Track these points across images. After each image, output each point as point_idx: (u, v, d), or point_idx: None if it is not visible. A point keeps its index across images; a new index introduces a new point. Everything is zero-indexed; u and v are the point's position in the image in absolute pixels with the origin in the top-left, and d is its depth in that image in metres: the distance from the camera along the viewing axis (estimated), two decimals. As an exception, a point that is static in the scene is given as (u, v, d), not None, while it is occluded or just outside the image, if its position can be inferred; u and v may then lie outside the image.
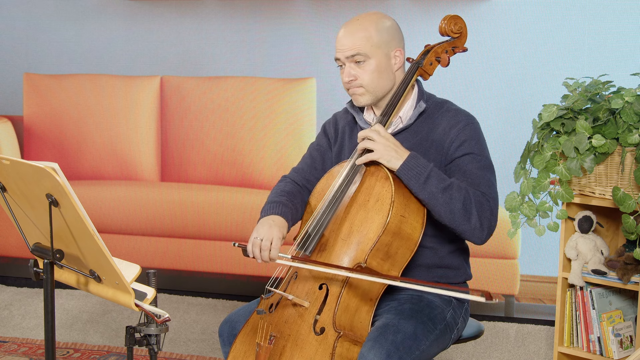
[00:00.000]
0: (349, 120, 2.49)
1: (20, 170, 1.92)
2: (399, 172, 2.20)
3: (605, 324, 2.82)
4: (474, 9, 3.92)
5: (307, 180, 2.50)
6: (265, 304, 2.32)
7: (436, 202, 2.19)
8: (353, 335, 2.16)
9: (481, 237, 2.23)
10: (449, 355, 3.60)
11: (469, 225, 2.21)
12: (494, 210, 2.25)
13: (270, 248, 2.22)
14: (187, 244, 4.51)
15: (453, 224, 2.21)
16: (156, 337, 2.09)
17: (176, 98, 4.48)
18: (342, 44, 2.32)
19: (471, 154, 2.30)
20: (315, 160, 2.52)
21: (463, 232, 2.22)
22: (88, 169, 4.63)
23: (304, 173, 2.51)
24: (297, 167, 2.55)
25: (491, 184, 2.29)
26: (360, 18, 2.34)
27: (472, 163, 2.29)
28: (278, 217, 2.30)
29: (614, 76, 2.93)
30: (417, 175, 2.19)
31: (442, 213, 2.20)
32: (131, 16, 4.47)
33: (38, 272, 2.05)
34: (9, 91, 4.70)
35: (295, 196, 2.42)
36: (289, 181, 2.49)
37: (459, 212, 2.19)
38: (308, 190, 2.48)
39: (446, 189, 2.19)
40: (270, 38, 4.30)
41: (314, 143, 2.57)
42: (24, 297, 4.45)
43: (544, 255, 3.96)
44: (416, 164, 2.20)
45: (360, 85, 2.33)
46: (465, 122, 2.33)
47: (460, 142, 2.30)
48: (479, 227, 2.21)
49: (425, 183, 2.18)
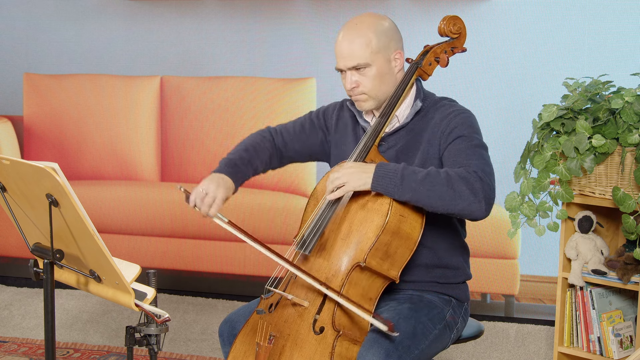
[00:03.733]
0: (352, 115, 2.50)
1: (20, 170, 1.92)
2: (374, 186, 2.17)
3: (605, 324, 2.82)
4: (474, 9, 3.92)
5: (285, 144, 2.54)
6: (265, 304, 2.32)
7: (421, 195, 2.14)
8: (352, 334, 2.16)
9: (481, 209, 2.14)
10: (449, 355, 3.60)
11: (464, 202, 2.13)
12: (485, 180, 2.16)
13: (211, 204, 2.28)
14: (187, 244, 4.51)
15: (449, 208, 2.14)
16: (156, 337, 2.09)
17: (176, 98, 4.48)
18: (342, 53, 2.31)
19: (461, 136, 2.26)
20: (304, 132, 2.54)
21: (462, 211, 2.14)
22: (88, 169, 4.63)
23: (287, 136, 2.55)
24: (287, 126, 2.57)
25: (481, 157, 2.22)
26: (357, 22, 2.33)
27: (462, 143, 2.25)
28: (228, 179, 2.37)
29: (614, 76, 2.93)
30: (391, 180, 2.15)
31: (432, 203, 2.14)
32: (131, 16, 4.47)
33: (38, 272, 2.05)
34: (9, 91, 4.70)
35: (261, 154, 2.49)
36: (267, 137, 2.54)
37: (447, 194, 2.13)
38: (280, 152, 2.54)
39: (424, 179, 2.14)
40: (270, 38, 4.30)
41: (313, 114, 2.57)
42: (24, 297, 4.45)
43: (544, 255, 3.96)
44: (386, 171, 2.16)
45: (362, 92, 2.33)
46: (457, 112, 2.32)
47: (451, 130, 2.28)
48: (475, 200, 2.13)
49: (402, 184, 2.14)
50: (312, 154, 2.57)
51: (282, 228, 4.30)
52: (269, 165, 2.54)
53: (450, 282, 2.40)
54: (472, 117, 2.34)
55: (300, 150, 2.55)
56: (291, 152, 2.55)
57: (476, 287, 4.02)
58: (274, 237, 4.29)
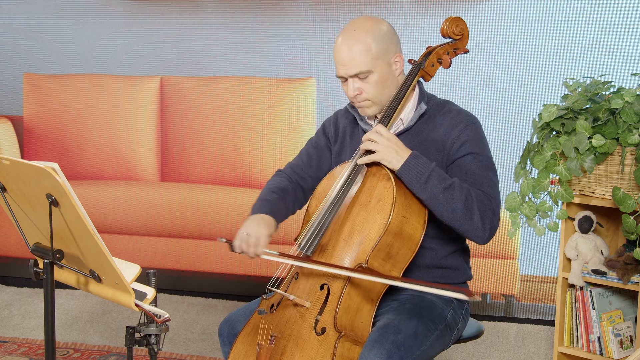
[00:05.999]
0: (350, 120, 2.49)
1: (20, 170, 1.92)
2: (400, 172, 2.20)
3: (605, 324, 2.82)
4: (474, 9, 3.92)
5: (300, 177, 2.52)
6: (266, 304, 2.32)
7: (437, 201, 2.19)
8: (354, 335, 2.16)
9: (483, 237, 2.23)
10: (449, 355, 3.60)
11: (470, 225, 2.20)
12: (495, 210, 2.24)
13: (257, 245, 2.25)
14: (187, 244, 4.51)
15: (455, 224, 2.21)
16: (156, 337, 2.09)
17: (176, 98, 4.48)
18: (342, 61, 2.30)
19: (473, 153, 2.29)
20: (312, 158, 2.53)
21: (465, 231, 2.22)
22: (88, 169, 4.63)
23: (299, 170, 2.53)
24: (293, 162, 2.56)
25: (493, 184, 2.29)
26: (356, 28, 2.31)
27: (473, 163, 2.28)
28: (267, 216, 2.34)
29: (614, 76, 2.93)
30: (418, 175, 2.18)
31: (443, 213, 2.20)
32: (131, 16, 4.47)
33: (38, 272, 2.05)
34: (9, 91, 4.70)
35: (287, 193, 2.46)
36: (283, 177, 2.52)
37: (460, 212, 2.18)
38: (301, 187, 2.51)
39: (447, 189, 2.18)
40: (270, 38, 4.30)
41: (312, 139, 2.57)
42: (24, 297, 4.45)
43: (544, 255, 3.96)
44: (417, 164, 2.19)
45: (366, 98, 2.33)
46: (467, 123, 2.33)
47: (462, 143, 2.30)
48: (481, 227, 2.21)
49: (426, 183, 2.18)
50: None
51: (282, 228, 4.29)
52: (297, 203, 2.50)
53: (451, 282, 2.40)
54: (480, 127, 2.36)
55: (317, 177, 2.50)
56: (309, 182, 2.51)
57: (476, 287, 4.02)
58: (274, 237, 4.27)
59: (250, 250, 2.24)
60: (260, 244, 2.25)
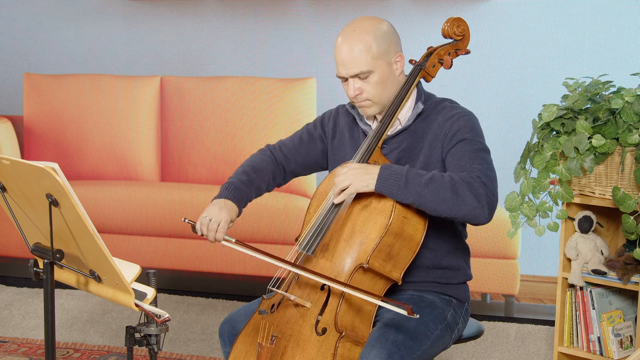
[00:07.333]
0: (351, 119, 2.49)
1: (20, 170, 1.92)
2: (378, 187, 2.16)
3: (605, 324, 2.82)
4: (474, 9, 3.92)
5: (286, 158, 2.54)
6: (266, 304, 2.32)
7: (425, 199, 2.14)
8: (354, 335, 2.16)
9: (484, 215, 2.15)
10: (449, 355, 3.60)
11: (467, 207, 2.13)
12: (488, 185, 2.17)
13: (217, 229, 2.29)
14: (187, 244, 4.51)
15: (452, 213, 2.15)
16: (156, 337, 2.09)
17: (176, 98, 4.48)
18: (342, 61, 2.29)
19: (464, 139, 2.26)
20: (302, 144, 2.54)
21: (465, 216, 2.15)
22: (88, 169, 4.63)
23: (287, 150, 2.54)
24: (285, 141, 2.57)
25: (485, 161, 2.23)
26: (356, 28, 2.30)
27: (465, 147, 2.25)
28: (230, 202, 2.36)
29: (614, 76, 2.93)
30: (396, 182, 2.14)
31: (436, 207, 2.14)
32: (131, 16, 4.47)
33: (38, 272, 2.05)
34: (9, 91, 4.70)
35: (263, 174, 2.48)
36: (267, 154, 2.54)
37: (451, 199, 2.13)
38: (283, 167, 2.53)
39: (429, 183, 2.14)
40: (270, 38, 4.30)
41: (309, 125, 2.58)
42: (24, 297, 4.45)
43: (544, 255, 3.96)
44: (390, 173, 2.16)
45: (366, 98, 2.32)
46: (460, 115, 2.31)
47: (454, 133, 2.28)
48: (478, 205, 2.13)
49: (406, 186, 2.14)
50: (314, 165, 2.57)
51: (282, 228, 4.30)
52: (273, 182, 2.53)
53: (451, 282, 2.40)
54: (475, 119, 2.34)
55: (302, 163, 2.54)
56: (293, 165, 2.54)
57: (476, 287, 4.02)
58: (274, 237, 4.29)
59: (210, 234, 2.31)
60: (220, 230, 2.30)
